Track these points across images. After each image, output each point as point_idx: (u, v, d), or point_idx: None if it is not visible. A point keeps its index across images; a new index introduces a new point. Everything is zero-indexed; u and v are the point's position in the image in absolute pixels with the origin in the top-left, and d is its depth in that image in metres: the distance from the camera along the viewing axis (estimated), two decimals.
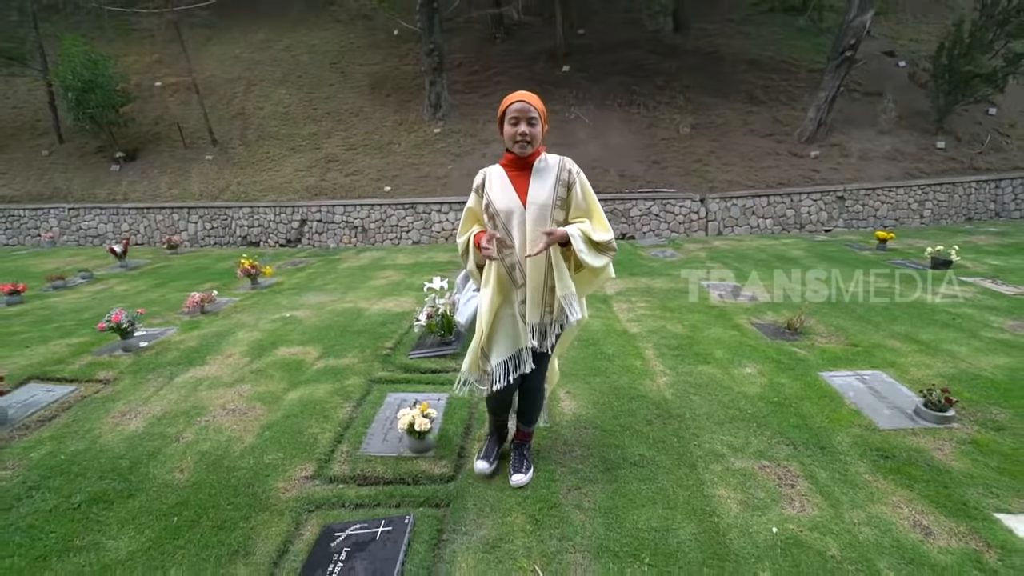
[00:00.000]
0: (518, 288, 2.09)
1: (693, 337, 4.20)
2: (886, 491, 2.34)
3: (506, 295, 2.14)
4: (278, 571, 2.10)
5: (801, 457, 2.60)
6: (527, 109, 1.92)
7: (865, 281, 5.83)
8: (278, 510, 2.44)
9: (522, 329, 2.13)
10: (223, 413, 3.30)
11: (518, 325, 2.13)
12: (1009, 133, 11.29)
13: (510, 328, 2.14)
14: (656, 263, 7.31)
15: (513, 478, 2.40)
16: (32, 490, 2.64)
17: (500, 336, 2.16)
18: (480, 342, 2.18)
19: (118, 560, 2.17)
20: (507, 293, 2.14)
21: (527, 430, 2.49)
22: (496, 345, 2.17)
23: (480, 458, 2.50)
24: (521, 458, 2.47)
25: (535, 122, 1.94)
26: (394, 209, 9.91)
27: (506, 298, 2.14)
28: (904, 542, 2.04)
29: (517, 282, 2.08)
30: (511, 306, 2.14)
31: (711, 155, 10.87)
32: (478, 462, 2.49)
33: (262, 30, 15.21)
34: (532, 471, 2.46)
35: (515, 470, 2.43)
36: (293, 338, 4.50)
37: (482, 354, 2.21)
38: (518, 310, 2.12)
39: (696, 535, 2.11)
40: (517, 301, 2.11)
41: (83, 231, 10.50)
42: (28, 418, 3.35)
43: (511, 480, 2.40)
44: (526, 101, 1.92)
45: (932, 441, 2.70)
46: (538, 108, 1.95)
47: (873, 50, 13.42)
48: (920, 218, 10.26)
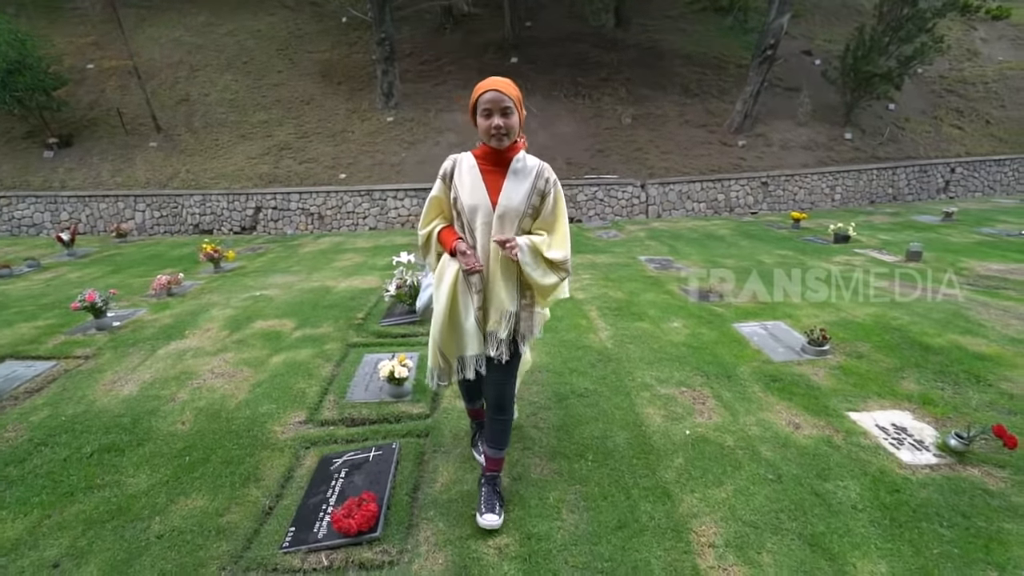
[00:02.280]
0: (475, 293, 1.91)
1: (630, 301, 4.84)
2: (772, 403, 3.03)
3: (461, 299, 1.95)
4: (286, 491, 2.51)
5: (712, 384, 3.25)
6: (500, 99, 1.73)
7: (779, 254, 6.70)
8: (278, 448, 2.83)
9: (477, 336, 1.96)
10: (212, 376, 3.61)
11: (475, 332, 1.95)
12: (904, 127, 12.78)
13: (466, 333, 1.97)
14: (600, 243, 7.97)
15: (484, 517, 2.07)
16: (41, 446, 2.89)
17: (456, 339, 2.02)
18: (436, 341, 2.04)
19: (140, 492, 2.51)
20: (462, 297, 1.95)
21: (497, 455, 2.19)
22: (451, 347, 2.05)
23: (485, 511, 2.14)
24: (492, 495, 2.15)
25: (510, 112, 1.75)
26: (350, 196, 10.10)
27: (461, 302, 1.95)
28: (780, 434, 2.71)
29: (475, 287, 1.90)
30: (468, 311, 1.95)
31: (650, 144, 11.69)
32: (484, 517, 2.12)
33: (203, 12, 14.71)
34: (504, 513, 2.15)
35: (487, 508, 2.10)
36: (268, 313, 4.80)
37: (440, 354, 2.07)
38: (475, 315, 1.93)
39: (628, 439, 2.70)
40: (474, 307, 1.93)
41: (15, 220, 10.02)
42: (15, 390, 3.52)
43: (482, 520, 2.07)
44: (498, 90, 1.73)
45: (811, 368, 3.43)
46: (512, 96, 1.76)
47: (793, 49, 14.69)
48: (832, 201, 11.51)
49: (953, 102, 13.82)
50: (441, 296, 1.96)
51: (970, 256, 6.43)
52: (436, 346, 2.05)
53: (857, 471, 2.42)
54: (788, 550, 2.00)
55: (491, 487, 2.19)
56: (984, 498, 2.24)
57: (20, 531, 2.26)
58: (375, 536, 2.15)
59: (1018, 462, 2.44)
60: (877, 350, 3.66)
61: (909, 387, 3.16)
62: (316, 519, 2.26)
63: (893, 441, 2.63)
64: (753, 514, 2.18)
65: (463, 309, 1.96)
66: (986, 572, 1.88)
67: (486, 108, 1.75)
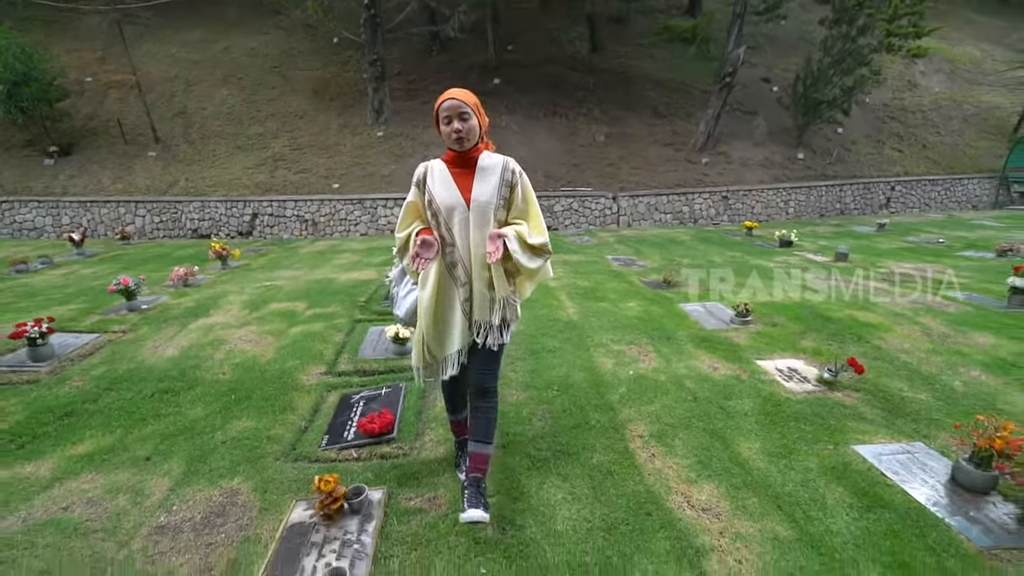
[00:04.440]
0: (460, 287, 2.04)
1: (595, 288, 5.67)
2: (699, 355, 3.84)
3: (447, 293, 2.07)
4: (316, 417, 3.21)
5: (654, 343, 4.06)
6: (457, 106, 1.91)
7: (729, 255, 7.63)
8: (306, 390, 3.53)
9: (464, 327, 2.08)
10: (241, 342, 4.28)
11: (461, 323, 2.07)
12: (851, 148, 14.10)
13: (453, 326, 2.09)
14: (574, 246, 8.84)
15: (468, 512, 1.96)
16: (107, 390, 3.53)
17: (443, 334, 2.12)
18: (423, 339, 2.13)
19: (199, 418, 3.18)
20: (448, 291, 2.07)
21: (483, 452, 2.14)
22: (440, 343, 2.13)
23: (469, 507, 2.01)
24: (477, 494, 2.05)
25: (467, 116, 1.93)
26: (343, 204, 10.80)
27: (447, 296, 2.07)
28: (702, 373, 3.52)
29: (460, 280, 2.04)
30: (453, 304, 2.07)
31: (622, 160, 12.70)
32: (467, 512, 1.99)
33: (198, 30, 15.40)
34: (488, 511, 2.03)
35: (471, 504, 1.99)
36: (280, 297, 5.47)
37: (427, 350, 2.15)
38: (461, 308, 2.06)
39: (585, 377, 3.48)
40: (460, 299, 2.05)
41: (17, 224, 10.44)
42: (69, 354, 4.13)
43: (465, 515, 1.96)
44: (455, 98, 1.92)
45: (735, 333, 4.28)
46: (468, 102, 1.94)
47: (754, 77, 16.02)
48: (786, 214, 12.64)
49: (894, 128, 15.25)
50: (426, 295, 2.06)
51: (890, 258, 7.46)
52: (423, 344, 2.14)
53: (753, 394, 3.24)
54: (694, 438, 2.79)
55: (475, 488, 2.06)
56: (839, 408, 3.07)
57: (112, 441, 2.91)
58: (392, 437, 2.88)
59: (870, 388, 3.29)
60: (790, 321, 4.54)
61: (807, 344, 4.02)
62: (344, 429, 2.98)
63: (785, 377, 3.46)
64: (672, 419, 2.97)
65: (448, 305, 2.08)
66: (826, 445, 2.69)
67: (446, 115, 1.93)
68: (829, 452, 2.64)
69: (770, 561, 1.96)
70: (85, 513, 2.30)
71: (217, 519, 2.26)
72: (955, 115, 15.69)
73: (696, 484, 2.41)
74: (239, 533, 2.18)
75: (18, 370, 3.79)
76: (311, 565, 1.97)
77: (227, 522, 2.24)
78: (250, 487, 2.47)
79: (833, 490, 2.36)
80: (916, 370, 3.56)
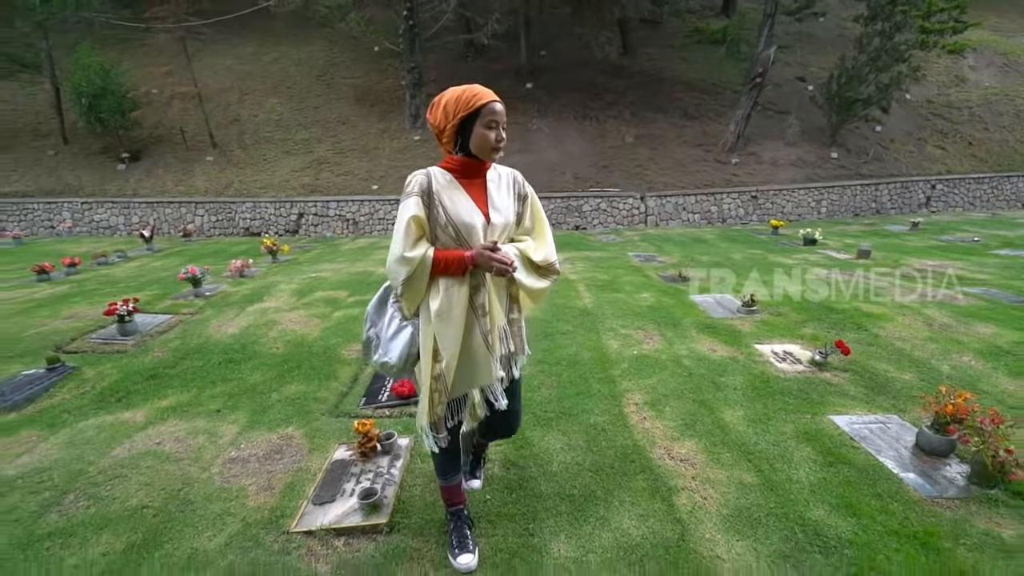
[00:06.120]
0: (483, 317, 1.74)
1: (613, 280, 6.01)
2: (701, 339, 4.15)
3: (468, 324, 1.73)
4: (355, 384, 3.70)
5: (661, 328, 4.39)
6: (504, 112, 1.67)
7: (749, 253, 7.80)
8: (347, 362, 4.04)
9: (490, 361, 1.77)
10: (292, 323, 4.86)
11: (485, 358, 1.76)
12: (889, 147, 13.81)
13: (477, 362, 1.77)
14: (598, 244, 9.18)
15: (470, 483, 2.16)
16: (183, 359, 4.15)
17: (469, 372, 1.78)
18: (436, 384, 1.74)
19: (258, 382, 3.73)
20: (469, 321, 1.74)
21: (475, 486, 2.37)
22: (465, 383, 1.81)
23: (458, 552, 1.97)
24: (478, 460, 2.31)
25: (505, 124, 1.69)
26: (381, 204, 11.48)
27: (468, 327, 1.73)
28: (700, 354, 3.84)
29: (483, 308, 1.74)
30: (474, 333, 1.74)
31: (650, 161, 12.91)
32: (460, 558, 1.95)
33: (251, 43, 16.54)
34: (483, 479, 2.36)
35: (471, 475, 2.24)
36: (325, 287, 6.07)
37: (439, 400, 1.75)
38: (485, 340, 1.75)
39: (591, 356, 3.85)
40: (483, 331, 1.74)
41: (95, 223, 11.61)
42: (149, 331, 4.81)
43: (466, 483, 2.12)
44: (501, 102, 1.67)
45: (740, 322, 4.55)
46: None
47: (788, 75, 15.88)
48: (818, 214, 12.53)
49: (938, 124, 14.80)
50: (452, 330, 1.70)
51: (916, 256, 7.45)
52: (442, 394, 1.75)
53: (746, 372, 3.54)
54: (683, 406, 3.13)
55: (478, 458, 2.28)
56: (825, 386, 3.34)
57: (189, 398, 3.49)
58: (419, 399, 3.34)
59: (858, 369, 3.54)
60: (794, 311, 4.77)
61: (806, 331, 4.26)
62: (380, 392, 3.47)
63: (779, 359, 3.74)
64: (667, 390, 3.31)
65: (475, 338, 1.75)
66: (803, 416, 2.98)
67: (492, 119, 1.64)
68: (806, 421, 2.94)
69: (732, 499, 2.30)
70: (173, 447, 2.86)
71: (276, 455, 2.77)
72: (1006, 110, 15.08)
73: (679, 441, 2.76)
74: (294, 465, 2.68)
75: (109, 342, 4.48)
76: (350, 488, 2.45)
77: (284, 457, 2.75)
78: (302, 434, 2.98)
79: (802, 449, 2.67)
80: (908, 355, 3.77)
